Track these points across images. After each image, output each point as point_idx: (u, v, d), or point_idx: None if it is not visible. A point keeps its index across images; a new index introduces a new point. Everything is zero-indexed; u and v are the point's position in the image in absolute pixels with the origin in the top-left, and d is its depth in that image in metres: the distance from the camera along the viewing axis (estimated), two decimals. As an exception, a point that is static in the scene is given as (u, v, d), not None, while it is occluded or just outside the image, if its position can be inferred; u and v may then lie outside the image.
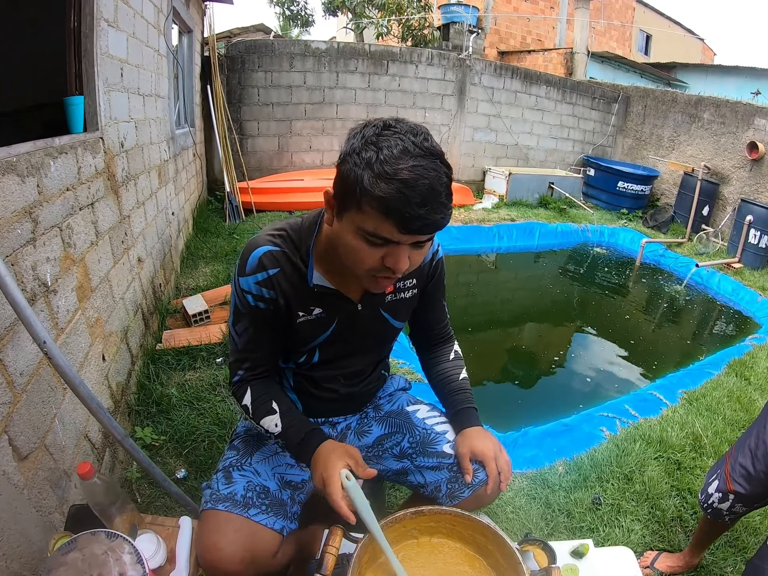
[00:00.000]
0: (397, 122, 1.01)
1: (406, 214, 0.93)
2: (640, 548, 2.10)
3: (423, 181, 0.93)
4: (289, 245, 1.21)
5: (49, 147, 1.76)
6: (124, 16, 2.81)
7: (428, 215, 0.95)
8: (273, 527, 1.23)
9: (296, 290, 1.22)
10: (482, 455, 1.34)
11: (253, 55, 6.97)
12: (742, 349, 4.16)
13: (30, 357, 1.47)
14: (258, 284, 1.19)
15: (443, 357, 1.58)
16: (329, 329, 1.29)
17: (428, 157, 0.96)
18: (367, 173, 0.94)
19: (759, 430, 1.60)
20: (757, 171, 7.58)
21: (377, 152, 0.94)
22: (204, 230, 5.76)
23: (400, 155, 0.94)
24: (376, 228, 0.98)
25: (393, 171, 0.92)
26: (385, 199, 0.93)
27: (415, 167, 0.93)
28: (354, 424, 1.56)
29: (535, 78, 9.13)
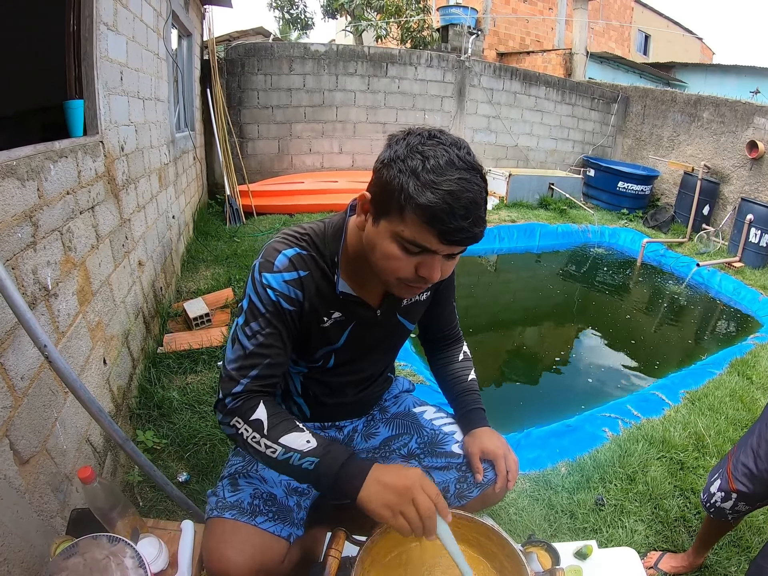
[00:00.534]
0: (441, 133, 1.01)
1: (450, 225, 0.94)
2: (644, 549, 2.09)
3: (467, 194, 0.94)
4: (314, 250, 1.19)
5: (50, 151, 1.76)
6: (123, 20, 2.81)
7: (470, 228, 0.95)
8: (281, 535, 1.22)
9: (322, 295, 1.21)
10: (492, 454, 1.36)
11: (252, 58, 6.99)
12: (743, 348, 4.16)
13: (31, 361, 1.47)
14: (287, 283, 1.14)
15: (453, 358, 1.58)
16: (346, 332, 1.28)
17: (471, 171, 0.96)
18: (413, 181, 0.94)
19: (761, 429, 1.60)
20: (757, 170, 7.58)
21: (424, 161, 0.94)
22: (204, 233, 5.76)
23: (447, 167, 0.94)
24: (415, 236, 0.97)
25: (439, 181, 0.93)
26: (431, 209, 0.93)
27: (461, 180, 0.94)
28: (360, 426, 1.56)
29: (534, 79, 9.15)
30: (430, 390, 2.97)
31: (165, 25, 4.03)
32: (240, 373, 1.13)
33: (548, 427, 2.90)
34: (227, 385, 1.13)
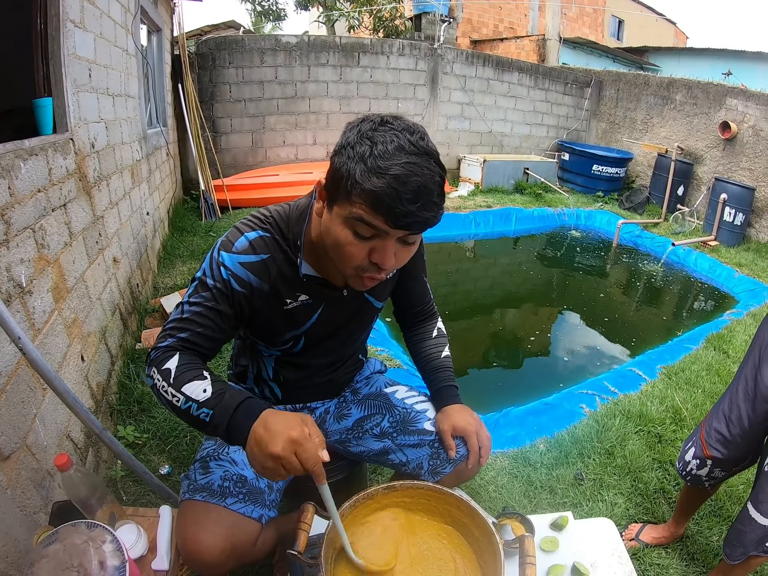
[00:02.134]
0: (394, 119, 1.01)
1: (397, 210, 0.94)
2: (625, 521, 2.13)
3: (415, 178, 0.94)
4: (278, 233, 1.20)
5: (19, 149, 1.75)
6: (90, 17, 2.78)
7: (419, 212, 0.95)
8: (251, 516, 1.24)
9: (285, 278, 1.22)
10: (463, 431, 1.38)
11: (223, 51, 6.92)
12: (719, 323, 4.24)
13: (8, 357, 1.47)
14: (243, 265, 1.15)
15: (427, 334, 1.59)
16: (315, 314, 1.29)
17: (423, 155, 0.97)
18: (360, 166, 0.95)
19: (732, 394, 1.64)
20: (729, 150, 7.69)
21: (372, 147, 0.95)
22: (180, 229, 5.72)
23: (395, 151, 0.94)
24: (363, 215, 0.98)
25: (386, 166, 0.93)
26: (376, 193, 0.93)
27: (408, 164, 0.94)
28: (333, 408, 1.57)
29: (507, 65, 9.16)
30: (407, 374, 2.99)
31: (133, 21, 3.98)
32: (170, 332, 1.13)
33: (526, 406, 2.94)
34: (157, 341, 1.14)
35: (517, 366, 4.10)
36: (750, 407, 1.56)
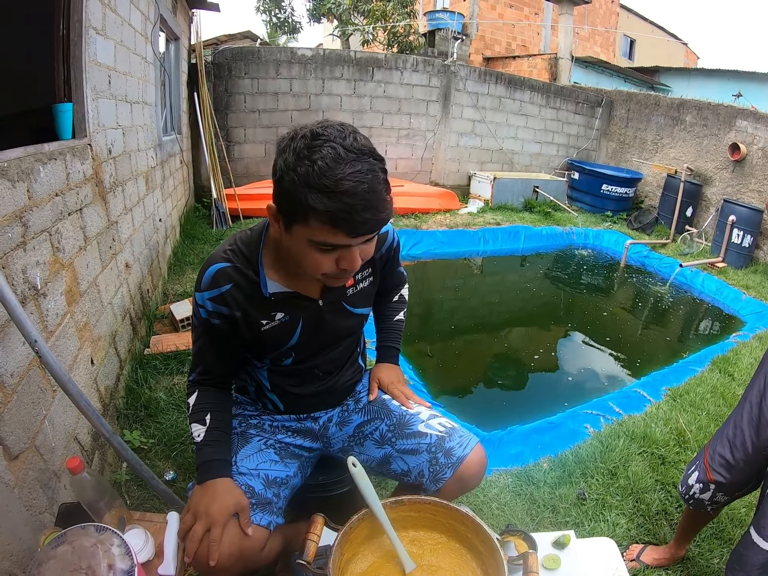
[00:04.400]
0: (323, 128, 1.02)
1: (355, 222, 0.97)
2: (626, 541, 2.13)
3: (362, 186, 0.96)
4: (240, 259, 1.25)
5: (39, 153, 1.78)
6: (111, 24, 2.84)
7: (374, 216, 0.99)
8: (260, 523, 1.25)
9: (253, 301, 1.27)
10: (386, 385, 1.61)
11: (239, 62, 7.00)
12: (725, 346, 4.22)
13: (20, 358, 1.50)
14: (212, 300, 1.24)
15: (387, 299, 1.72)
16: (296, 331, 1.33)
17: (361, 158, 0.98)
18: (307, 190, 0.96)
19: (736, 419, 1.64)
20: (739, 172, 7.68)
21: (312, 165, 0.96)
22: (191, 236, 5.77)
23: (335, 165, 0.95)
24: (325, 238, 1.01)
25: (331, 183, 0.95)
26: (331, 213, 0.96)
27: (352, 174, 0.96)
28: (335, 417, 1.58)
29: (519, 83, 9.21)
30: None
31: (153, 30, 4.04)
32: (192, 367, 1.41)
33: (531, 424, 2.93)
34: (189, 371, 1.42)
35: (521, 384, 4.09)
36: (754, 433, 1.56)
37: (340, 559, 1.08)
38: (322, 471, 1.60)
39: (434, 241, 7.02)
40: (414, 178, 8.64)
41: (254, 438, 1.45)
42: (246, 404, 1.57)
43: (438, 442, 1.43)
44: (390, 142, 8.35)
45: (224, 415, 1.39)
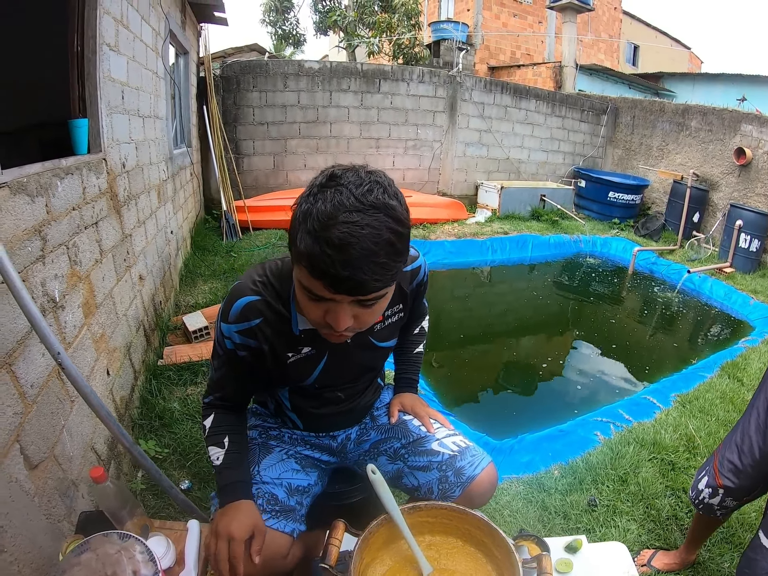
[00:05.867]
0: (344, 171, 0.95)
1: (329, 275, 0.89)
2: (637, 547, 2.13)
3: (351, 239, 0.87)
4: (270, 292, 1.21)
5: (57, 168, 1.83)
6: (124, 40, 2.89)
7: (355, 276, 0.89)
8: (284, 531, 1.26)
9: (281, 336, 1.24)
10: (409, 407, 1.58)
11: (248, 75, 7.08)
12: (734, 351, 4.22)
13: (40, 370, 1.53)
14: (240, 333, 1.21)
15: (409, 331, 1.67)
16: (321, 363, 1.31)
17: (367, 211, 0.89)
18: (301, 228, 0.91)
19: (744, 425, 1.65)
20: (745, 176, 7.68)
21: (313, 205, 0.91)
22: (202, 248, 5.81)
23: (332, 210, 0.88)
24: (309, 285, 0.95)
25: (320, 228, 0.88)
26: (310, 257, 0.90)
27: (345, 224, 0.87)
28: (354, 435, 1.58)
29: (524, 92, 9.25)
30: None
31: (163, 45, 4.10)
32: (209, 390, 1.38)
33: (541, 432, 2.94)
34: (205, 393, 1.40)
35: (531, 392, 4.10)
36: (761, 438, 1.57)
37: (360, 564, 1.10)
38: (338, 480, 1.61)
39: (443, 251, 7.06)
40: (422, 188, 8.68)
41: (275, 448, 1.45)
42: (266, 416, 1.56)
43: (449, 460, 1.43)
44: (397, 152, 8.40)
45: (242, 437, 1.38)
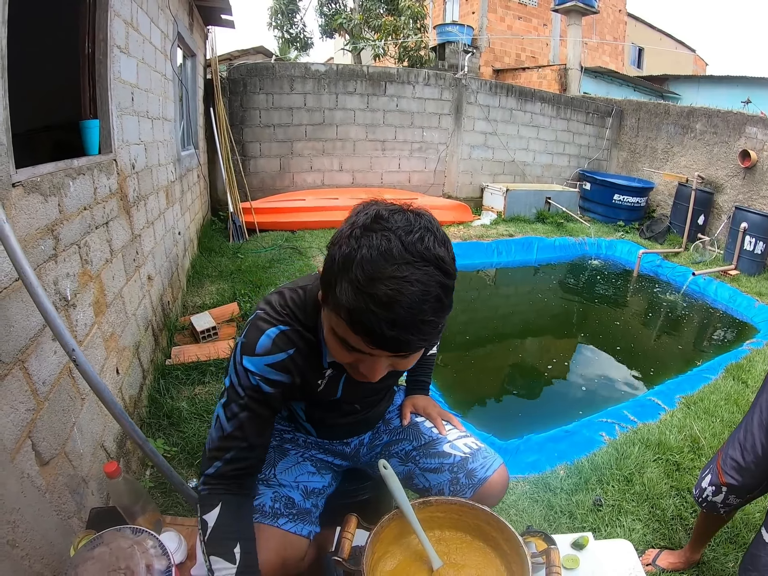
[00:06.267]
0: (391, 212, 0.87)
1: (374, 334, 0.83)
2: (642, 546, 2.14)
3: (399, 298, 0.80)
4: (297, 323, 1.12)
5: (69, 168, 1.85)
6: (134, 43, 2.92)
7: (400, 336, 0.83)
8: (301, 533, 1.27)
9: (312, 366, 1.18)
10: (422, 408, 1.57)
11: (254, 77, 7.12)
12: (739, 353, 4.21)
13: (52, 367, 1.55)
14: (270, 366, 1.09)
15: None
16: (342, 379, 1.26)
17: (417, 263, 0.82)
18: (341, 275, 0.84)
19: (747, 423, 1.66)
20: (750, 178, 7.69)
21: (357, 251, 0.82)
22: (208, 249, 5.84)
23: (380, 261, 0.81)
24: (345, 336, 0.89)
25: (365, 281, 0.80)
26: (352, 313, 0.83)
27: (393, 279, 0.80)
28: (366, 439, 1.58)
29: (529, 95, 9.28)
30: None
31: (171, 47, 4.13)
32: (216, 454, 1.12)
33: (547, 433, 2.96)
34: (204, 466, 1.14)
35: (537, 393, 4.10)
36: (764, 436, 1.58)
37: (371, 557, 1.12)
38: (348, 478, 1.63)
39: (449, 254, 7.04)
40: (427, 191, 8.70)
41: (291, 451, 1.46)
42: (279, 419, 1.52)
43: (461, 462, 1.43)
44: (403, 155, 8.43)
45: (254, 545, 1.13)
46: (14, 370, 1.32)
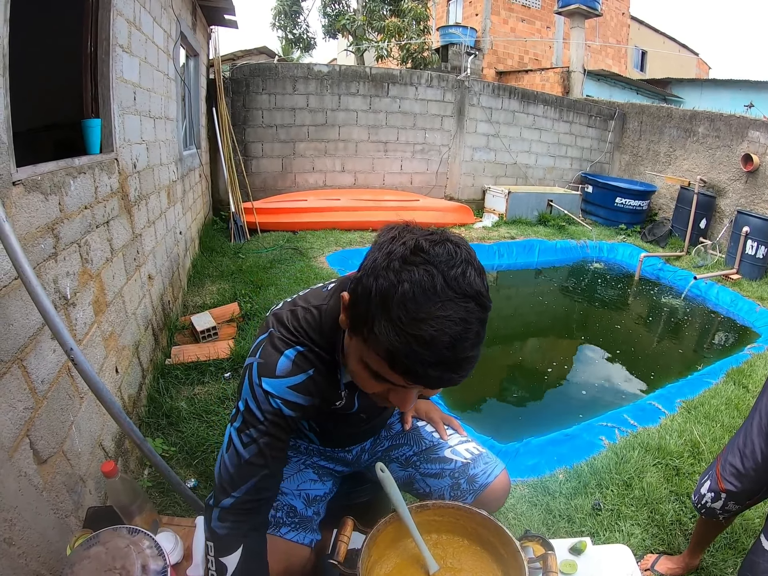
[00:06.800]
0: (432, 244, 0.81)
1: (416, 374, 0.80)
2: (641, 551, 2.13)
3: (444, 338, 0.77)
4: (314, 344, 1.06)
5: (70, 167, 1.85)
6: (137, 42, 2.92)
7: (444, 375, 0.81)
8: (303, 542, 1.27)
9: (331, 385, 1.13)
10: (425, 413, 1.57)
11: (257, 78, 7.12)
12: (740, 358, 4.20)
13: (51, 366, 1.55)
14: (292, 389, 1.03)
15: None
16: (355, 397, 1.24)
17: (460, 300, 0.79)
18: (379, 311, 0.79)
19: (747, 429, 1.66)
20: (752, 182, 7.68)
21: (397, 286, 0.78)
22: (210, 249, 5.84)
23: (423, 299, 0.77)
24: (380, 371, 0.86)
25: (408, 321, 0.77)
26: (393, 353, 0.79)
27: (439, 319, 0.77)
28: (368, 446, 1.58)
29: (532, 97, 9.27)
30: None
31: (174, 47, 4.14)
32: (233, 484, 1.05)
33: (546, 436, 2.95)
34: (219, 496, 1.06)
35: (537, 396, 4.09)
36: (763, 442, 1.57)
37: (368, 560, 1.11)
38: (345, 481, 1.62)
39: (449, 256, 7.03)
40: (429, 192, 8.70)
41: (293, 458, 1.45)
42: None
43: (462, 468, 1.43)
44: (405, 156, 8.42)
45: None
46: (13, 369, 1.32)
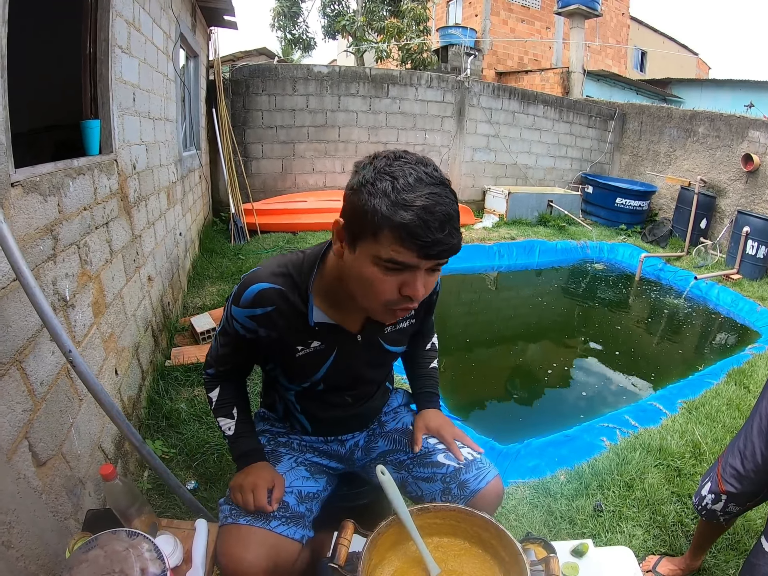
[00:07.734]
0: (406, 153, 1.03)
1: (428, 239, 0.95)
2: (642, 553, 2.12)
3: (440, 207, 0.96)
4: (288, 283, 1.22)
5: (69, 168, 1.84)
6: (136, 43, 2.92)
7: (446, 240, 0.97)
8: (294, 537, 1.26)
9: (293, 327, 1.25)
10: (435, 430, 1.52)
11: (257, 79, 7.12)
12: (741, 358, 4.20)
13: (49, 368, 1.54)
14: (249, 318, 1.23)
15: (419, 346, 1.68)
16: (329, 360, 1.32)
17: (440, 185, 0.99)
18: (385, 202, 0.95)
19: (747, 431, 1.65)
20: (752, 182, 7.68)
21: (393, 181, 0.96)
22: (210, 251, 5.84)
23: (416, 184, 0.96)
24: (394, 255, 0.98)
25: (411, 198, 0.94)
26: (406, 226, 0.94)
27: (432, 195, 0.96)
28: (362, 441, 1.59)
29: (532, 98, 9.27)
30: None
31: (174, 48, 4.14)
32: (212, 362, 1.43)
33: (547, 438, 2.94)
34: (207, 363, 1.45)
35: (538, 398, 4.09)
36: (764, 444, 1.57)
37: (368, 564, 1.10)
38: (345, 483, 1.62)
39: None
40: (429, 192, 8.64)
41: (285, 456, 1.46)
42: (273, 420, 1.56)
43: (454, 473, 1.43)
44: (405, 157, 8.37)
45: (247, 407, 1.47)
46: (11, 371, 1.32)
